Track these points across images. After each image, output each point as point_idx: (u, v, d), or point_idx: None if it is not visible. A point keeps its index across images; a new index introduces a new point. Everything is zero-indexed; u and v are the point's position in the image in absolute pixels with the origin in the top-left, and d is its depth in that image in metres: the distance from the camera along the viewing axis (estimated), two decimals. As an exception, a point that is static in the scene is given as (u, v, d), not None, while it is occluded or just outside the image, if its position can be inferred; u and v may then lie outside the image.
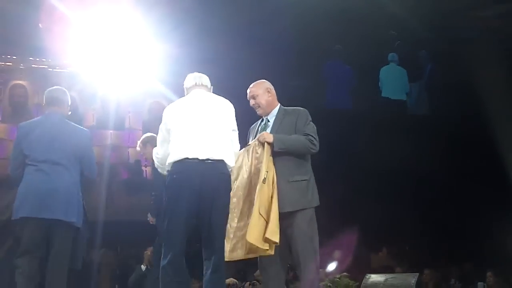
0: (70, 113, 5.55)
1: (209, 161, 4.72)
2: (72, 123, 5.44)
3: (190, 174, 4.69)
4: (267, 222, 4.83)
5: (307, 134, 5.18)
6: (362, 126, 12.60)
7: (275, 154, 5.08)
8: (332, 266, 5.10)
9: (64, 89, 5.60)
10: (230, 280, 9.63)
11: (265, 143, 5.04)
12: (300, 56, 12.32)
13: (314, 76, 12.90)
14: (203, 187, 4.69)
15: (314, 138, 5.20)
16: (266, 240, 4.83)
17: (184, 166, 4.72)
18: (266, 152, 5.02)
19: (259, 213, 4.83)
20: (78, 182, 5.25)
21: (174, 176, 4.77)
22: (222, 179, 4.80)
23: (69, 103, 5.60)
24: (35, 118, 5.45)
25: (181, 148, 4.76)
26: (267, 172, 4.91)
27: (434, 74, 13.86)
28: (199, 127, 4.83)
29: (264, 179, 4.88)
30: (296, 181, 5.17)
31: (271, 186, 4.92)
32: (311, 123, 5.31)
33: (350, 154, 12.58)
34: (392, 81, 13.70)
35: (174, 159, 4.76)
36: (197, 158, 4.69)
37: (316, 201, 5.30)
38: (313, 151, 5.20)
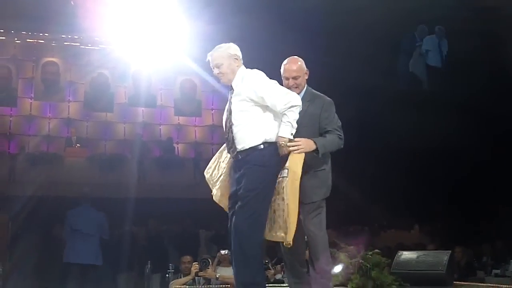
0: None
1: None
2: (94, 210, 9.85)
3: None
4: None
5: (334, 130, 5.12)
6: (393, 105, 12.51)
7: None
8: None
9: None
10: None
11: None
12: (330, 34, 12.24)
13: (344, 54, 12.80)
14: None
15: (341, 133, 5.15)
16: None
17: None
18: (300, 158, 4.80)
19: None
20: (99, 240, 9.67)
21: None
22: None
23: None
24: (75, 209, 9.83)
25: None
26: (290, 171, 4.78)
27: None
28: None
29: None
30: (318, 170, 5.10)
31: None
32: (335, 115, 5.25)
33: (381, 132, 12.51)
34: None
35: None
36: None
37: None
38: (341, 147, 5.18)
